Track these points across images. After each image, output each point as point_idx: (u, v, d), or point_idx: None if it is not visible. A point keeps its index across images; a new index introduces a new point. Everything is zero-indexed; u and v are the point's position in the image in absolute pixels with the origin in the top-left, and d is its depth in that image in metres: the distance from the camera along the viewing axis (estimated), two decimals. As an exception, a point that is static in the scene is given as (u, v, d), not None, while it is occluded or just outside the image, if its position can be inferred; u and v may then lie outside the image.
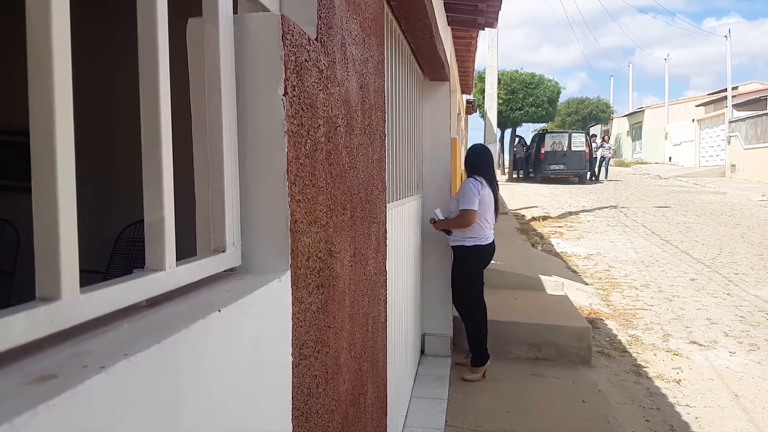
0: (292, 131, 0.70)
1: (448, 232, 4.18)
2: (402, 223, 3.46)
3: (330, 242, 0.86)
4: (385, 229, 1.46)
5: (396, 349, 3.08)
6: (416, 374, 4.18)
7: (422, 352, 4.58)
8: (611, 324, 5.64)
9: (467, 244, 4.12)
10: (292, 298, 0.67)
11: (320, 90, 0.84)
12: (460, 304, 4.25)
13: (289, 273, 0.66)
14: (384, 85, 1.49)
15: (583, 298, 6.35)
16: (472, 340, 4.20)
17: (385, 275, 1.47)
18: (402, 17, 2.68)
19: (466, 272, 4.18)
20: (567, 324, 4.69)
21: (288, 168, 0.68)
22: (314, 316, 0.76)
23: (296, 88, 0.72)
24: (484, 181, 4.21)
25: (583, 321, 4.83)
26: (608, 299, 6.50)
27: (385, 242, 1.48)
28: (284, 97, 0.68)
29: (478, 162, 4.31)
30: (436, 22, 3.04)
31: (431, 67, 4.07)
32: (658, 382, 4.27)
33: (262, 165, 0.67)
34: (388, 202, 2.98)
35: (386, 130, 2.88)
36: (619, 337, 5.27)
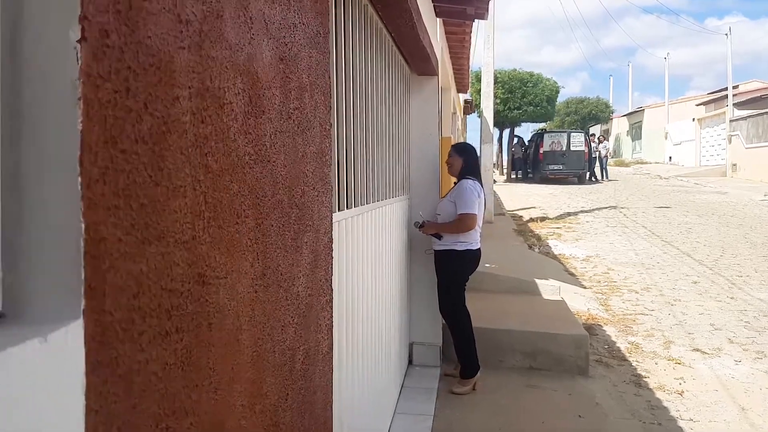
0: (100, 100, 0.45)
1: (438, 236, 3.92)
2: (384, 226, 3.21)
3: (201, 264, 0.61)
4: (330, 239, 1.20)
5: (376, 363, 2.82)
6: (402, 386, 3.93)
7: (410, 362, 4.32)
8: (610, 330, 5.38)
9: (458, 248, 3.86)
10: (89, 361, 0.42)
11: (183, 48, 0.59)
12: (447, 312, 3.99)
13: (81, 321, 0.41)
14: (328, 63, 1.23)
15: (581, 302, 6.09)
16: (460, 351, 3.94)
17: (330, 294, 1.21)
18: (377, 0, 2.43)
19: (454, 278, 3.93)
20: (564, 331, 4.43)
21: (85, 157, 0.43)
22: (156, 379, 0.51)
23: (116, 35, 0.47)
24: (479, 184, 3.96)
25: (581, 328, 4.57)
26: (607, 304, 6.24)
27: (329, 254, 1.22)
28: (80, 44, 0.43)
29: (472, 162, 4.06)
30: (417, 7, 2.79)
31: (417, 60, 3.82)
32: (659, 394, 4.01)
33: (39, 150, 0.43)
34: (365, 203, 2.74)
35: (363, 124, 2.63)
36: (618, 345, 5.01)
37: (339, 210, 2.10)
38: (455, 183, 4.06)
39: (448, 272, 3.91)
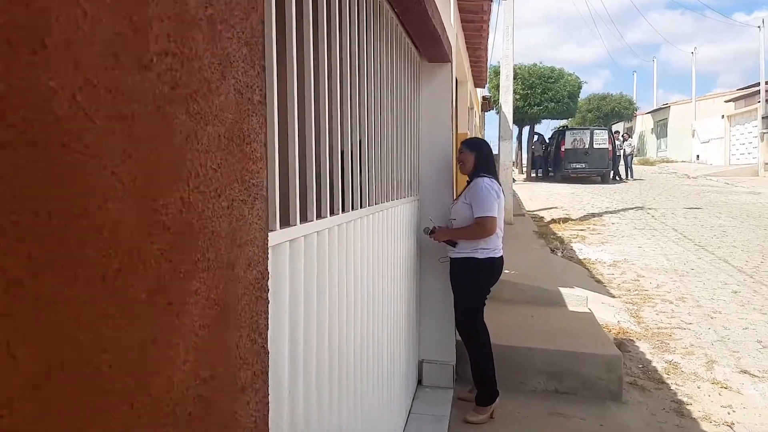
0: None
1: (452, 244, 3.45)
2: (385, 232, 2.76)
3: None
4: (260, 274, 0.76)
5: (371, 388, 2.37)
6: (409, 412, 3.47)
7: (420, 381, 3.87)
8: (644, 347, 4.85)
9: (479, 256, 3.38)
10: None
11: None
12: (464, 329, 3.53)
13: None
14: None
15: (609, 314, 5.56)
16: (477, 373, 3.48)
17: (261, 362, 0.76)
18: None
19: (474, 291, 3.46)
20: (594, 350, 3.93)
21: None
22: None
23: None
24: (496, 182, 3.49)
25: (613, 347, 4.07)
26: (639, 315, 5.70)
27: (260, 297, 0.77)
28: None
29: (486, 158, 3.58)
30: (423, -26, 2.32)
31: (427, 43, 3.36)
32: (705, 425, 3.49)
33: None
34: (365, 206, 2.30)
35: (357, 114, 2.19)
36: (654, 364, 4.48)
37: (319, 218, 1.66)
38: (468, 182, 3.59)
39: (466, 284, 3.44)
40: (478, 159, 3.51)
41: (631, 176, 21.69)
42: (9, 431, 0.38)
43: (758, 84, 23.25)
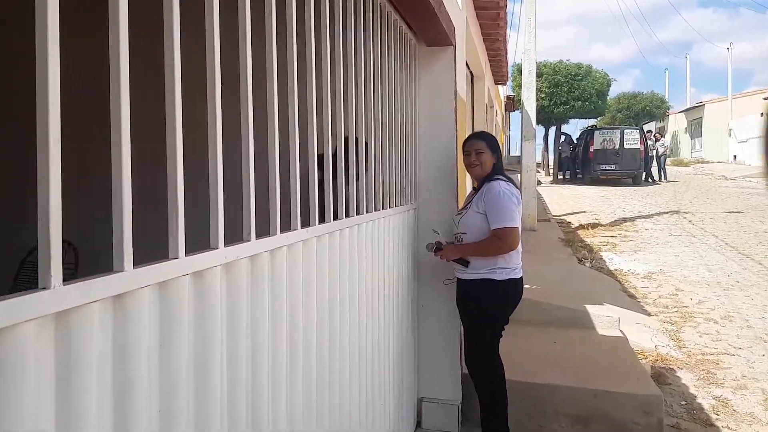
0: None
1: (464, 263, 2.84)
2: (371, 248, 2.23)
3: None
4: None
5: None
6: (404, 465, 2.89)
7: (419, 424, 3.28)
8: (687, 378, 4.16)
9: (497, 277, 2.77)
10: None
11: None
12: (474, 365, 2.93)
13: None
14: None
15: (645, 336, 4.87)
16: (488, 416, 2.89)
17: None
18: None
19: (491, 319, 2.86)
20: (628, 389, 3.28)
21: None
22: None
23: None
24: (514, 186, 2.89)
25: (650, 383, 3.41)
26: (679, 338, 4.99)
27: None
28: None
29: (500, 159, 2.98)
30: None
31: (420, 22, 2.78)
32: (769, 487, 2.82)
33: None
34: (341, 217, 1.80)
35: (333, 108, 1.65)
36: (699, 401, 3.80)
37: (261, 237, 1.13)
38: (475, 187, 2.99)
39: (480, 311, 2.84)
40: (498, 160, 2.91)
41: (665, 178, 20.68)
42: None
43: (801, 79, 21.93)
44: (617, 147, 18.95)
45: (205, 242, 1.09)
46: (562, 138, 23.97)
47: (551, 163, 24.94)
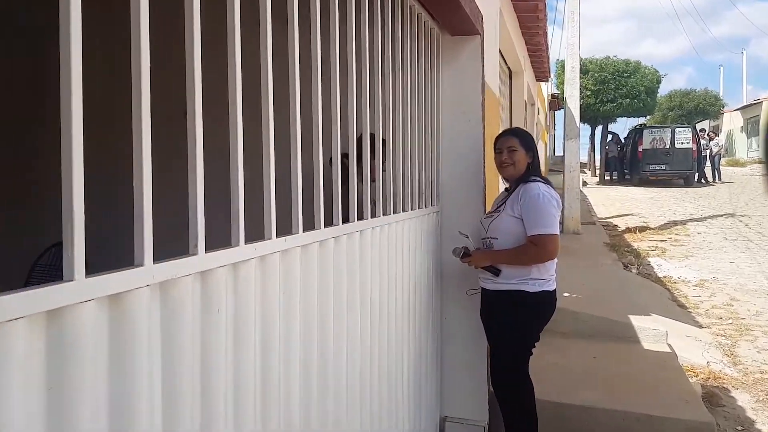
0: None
1: (495, 271, 2.58)
2: (388, 253, 2.04)
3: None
4: None
5: None
6: (424, 491, 2.66)
7: (442, 445, 3.04)
8: (743, 399, 3.77)
9: (529, 288, 2.51)
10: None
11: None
12: (501, 384, 2.67)
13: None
14: None
15: (696, 351, 4.48)
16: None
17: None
18: None
19: (522, 335, 2.59)
20: (676, 414, 2.96)
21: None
22: None
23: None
24: (552, 189, 2.62)
25: (701, 407, 3.07)
26: (734, 353, 4.57)
27: None
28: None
29: (537, 159, 2.71)
30: None
31: (442, 8, 2.54)
32: None
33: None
34: (356, 220, 1.65)
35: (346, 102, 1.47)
36: (759, 426, 3.42)
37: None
38: (507, 189, 2.73)
39: (510, 326, 2.58)
40: (533, 159, 2.65)
41: (719, 178, 19.66)
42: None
43: None
44: (668, 146, 18.10)
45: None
46: (609, 137, 23.14)
47: (597, 163, 24.12)
